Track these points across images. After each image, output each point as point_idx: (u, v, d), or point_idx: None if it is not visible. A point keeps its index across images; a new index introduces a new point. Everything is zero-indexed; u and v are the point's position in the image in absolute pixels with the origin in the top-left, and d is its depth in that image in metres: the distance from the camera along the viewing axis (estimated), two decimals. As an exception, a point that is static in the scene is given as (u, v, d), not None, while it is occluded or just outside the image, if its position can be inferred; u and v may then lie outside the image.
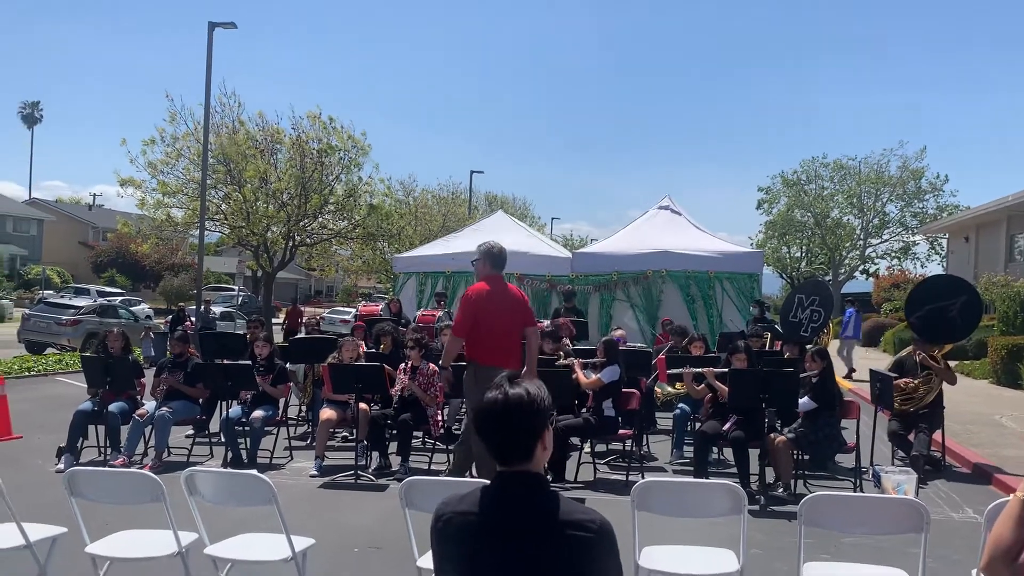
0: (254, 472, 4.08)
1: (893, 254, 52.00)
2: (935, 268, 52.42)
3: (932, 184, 49.56)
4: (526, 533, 2.28)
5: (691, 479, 6.60)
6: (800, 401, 7.59)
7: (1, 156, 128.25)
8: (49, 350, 21.85)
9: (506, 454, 2.35)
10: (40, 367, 17.28)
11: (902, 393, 8.79)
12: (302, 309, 23.80)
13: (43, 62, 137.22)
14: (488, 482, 2.42)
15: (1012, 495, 2.15)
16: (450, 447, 9.30)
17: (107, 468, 4.83)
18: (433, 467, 8.55)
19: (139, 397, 8.75)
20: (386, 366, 9.00)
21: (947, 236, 40.77)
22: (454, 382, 7.21)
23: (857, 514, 3.68)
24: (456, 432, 10.00)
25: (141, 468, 8.22)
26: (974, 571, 3.77)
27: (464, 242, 17.92)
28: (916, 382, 8.94)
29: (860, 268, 53.07)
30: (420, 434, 9.10)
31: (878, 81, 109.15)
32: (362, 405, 8.55)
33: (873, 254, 52.71)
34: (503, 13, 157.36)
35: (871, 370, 8.83)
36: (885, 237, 52.19)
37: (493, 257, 6.98)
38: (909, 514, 3.57)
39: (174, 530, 4.04)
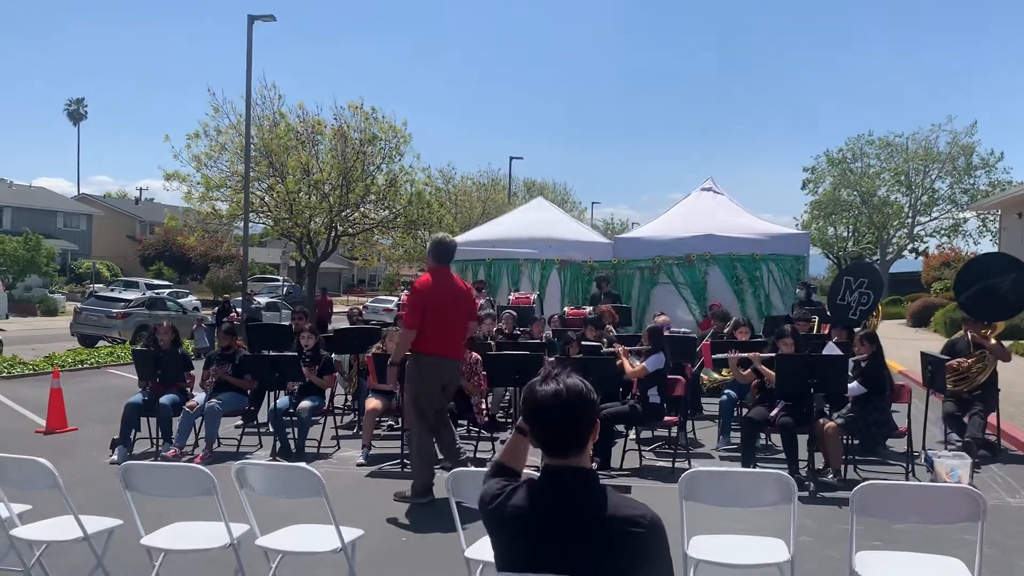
0: (303, 464, 4.12)
1: (943, 232, 50.93)
2: (987, 246, 51.30)
3: (984, 160, 48.39)
4: (578, 528, 2.27)
5: (739, 468, 6.54)
6: (850, 386, 7.47)
7: (50, 153, 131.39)
8: (101, 343, 22.33)
9: (561, 446, 2.34)
10: (93, 360, 17.66)
11: (955, 373, 8.62)
12: (330, 299, 23.90)
13: (86, 59, 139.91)
14: (536, 476, 2.41)
15: None
16: (494, 435, 9.35)
17: (160, 462, 4.91)
18: (478, 455, 8.58)
19: (189, 389, 8.90)
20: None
21: (999, 213, 39.76)
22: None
23: (910, 503, 3.61)
24: (500, 420, 10.05)
25: (192, 459, 8.41)
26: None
27: (504, 229, 17.92)
28: (969, 361, 8.77)
29: (909, 247, 52.11)
30: (464, 422, 9.13)
31: (927, 50, 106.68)
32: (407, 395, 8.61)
33: (922, 232, 51.76)
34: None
35: (922, 352, 8.66)
36: (934, 215, 51.17)
37: (438, 250, 7.03)
38: (965, 502, 3.48)
39: (226, 522, 4.10)
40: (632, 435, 8.80)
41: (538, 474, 2.40)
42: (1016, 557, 5.40)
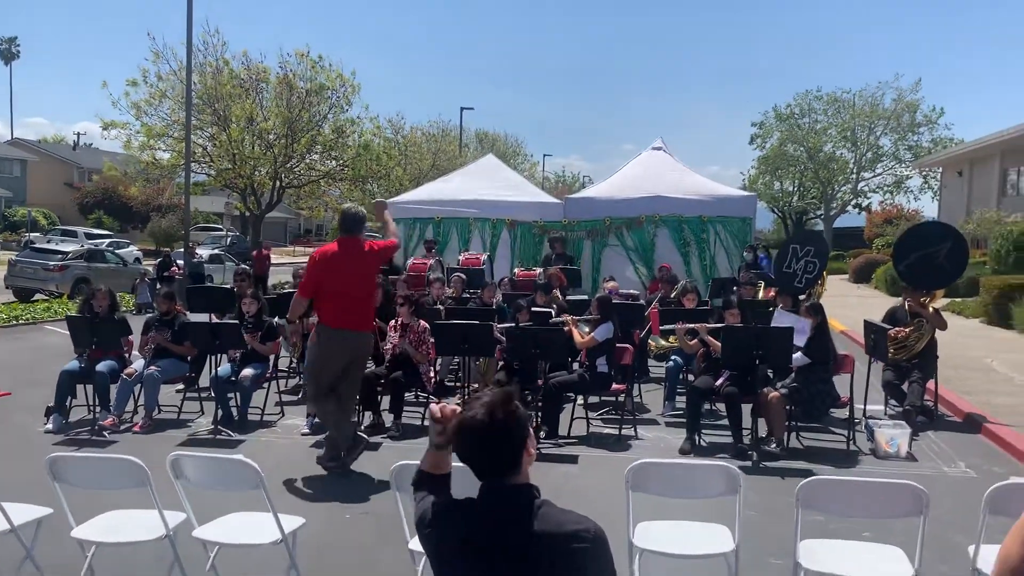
0: (240, 456, 3.99)
1: (886, 188, 51.80)
2: (928, 202, 52.45)
3: (927, 117, 49.11)
4: (520, 548, 2.21)
5: (684, 460, 6.57)
6: (794, 356, 7.54)
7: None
8: (38, 296, 21.69)
9: (487, 471, 2.28)
10: (28, 315, 17.15)
11: (894, 342, 8.77)
12: (268, 253, 23.30)
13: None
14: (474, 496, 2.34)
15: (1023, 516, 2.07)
16: (443, 400, 9.29)
17: (90, 454, 4.74)
18: (426, 423, 8.51)
19: (127, 355, 8.65)
20: (377, 320, 8.92)
21: (941, 170, 40.59)
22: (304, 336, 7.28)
23: (855, 498, 3.63)
24: (449, 385, 9.99)
25: (131, 427, 8.21)
26: (971, 548, 3.74)
27: (454, 187, 17.70)
28: (907, 330, 8.93)
29: (853, 203, 52.91)
30: (413, 388, 9.05)
31: (875, 8, 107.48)
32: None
33: (866, 188, 52.54)
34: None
35: (865, 321, 8.78)
36: (878, 171, 51.95)
37: (344, 220, 7.06)
38: (908, 497, 3.52)
39: (161, 513, 3.98)
40: (580, 401, 8.82)
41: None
42: (952, 531, 5.51)
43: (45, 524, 4.23)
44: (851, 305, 20.17)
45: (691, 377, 9.01)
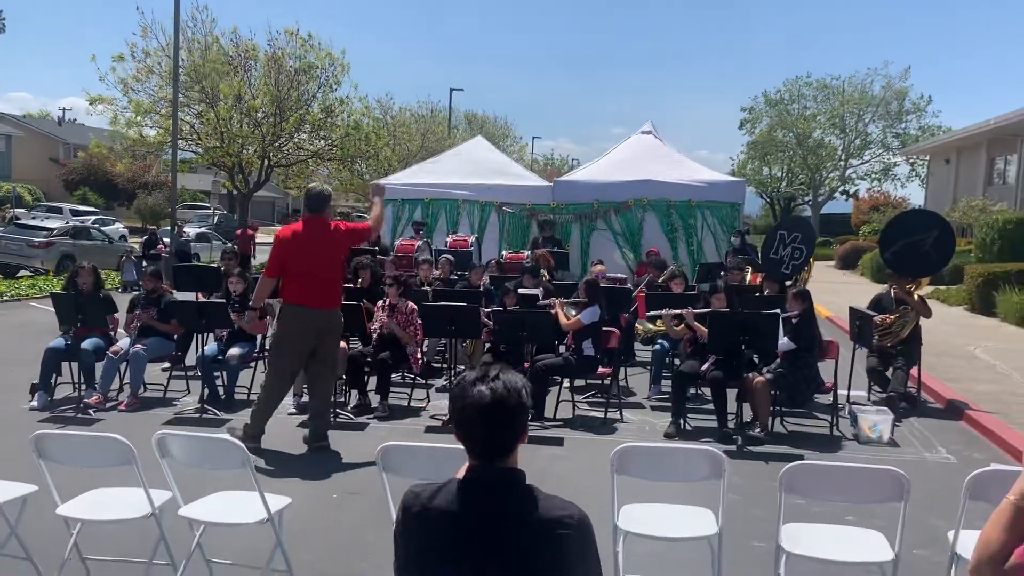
0: (227, 436, 4.00)
1: (874, 175, 52.00)
2: (915, 190, 52.65)
3: (915, 104, 49.29)
4: (504, 534, 2.21)
5: (670, 443, 6.64)
6: (780, 342, 7.58)
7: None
8: (22, 272, 21.57)
9: (488, 451, 2.27)
10: (13, 292, 17.05)
11: (879, 328, 8.84)
12: (253, 232, 23.13)
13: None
14: (461, 477, 2.34)
15: (1004, 499, 2.09)
16: (429, 381, 9.32)
17: (75, 432, 4.72)
18: (413, 404, 8.55)
19: (113, 333, 8.62)
20: (365, 301, 8.92)
21: (928, 158, 40.74)
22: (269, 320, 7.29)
23: (838, 483, 3.67)
24: (435, 366, 10.00)
25: (117, 405, 8.19)
26: (950, 533, 3.79)
27: (443, 168, 17.64)
28: (892, 317, 9.00)
29: (840, 189, 53.09)
30: (400, 369, 9.05)
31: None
32: (340, 343, 8.48)
33: (854, 175, 52.71)
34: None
35: (851, 308, 8.84)
36: (866, 158, 52.14)
37: (310, 199, 7.11)
38: (890, 484, 3.56)
39: (146, 490, 3.97)
40: (566, 384, 8.85)
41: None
42: (932, 516, 5.59)
43: (30, 501, 4.22)
44: (837, 291, 20.28)
45: (677, 361, 9.06)
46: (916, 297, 9.13)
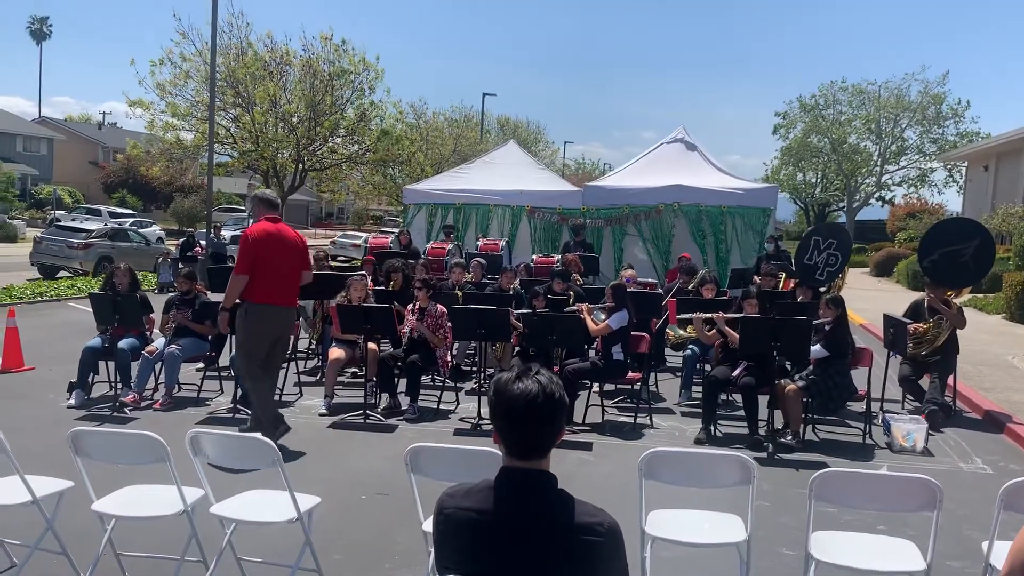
0: (258, 435, 4.04)
1: (910, 181, 51.20)
2: (952, 196, 51.80)
3: (953, 110, 48.42)
4: (535, 536, 2.22)
5: (699, 449, 6.59)
6: (812, 348, 7.51)
7: (9, 71, 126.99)
8: (62, 273, 21.95)
9: (527, 450, 2.27)
10: (53, 292, 17.36)
11: (912, 337, 8.71)
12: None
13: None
14: (493, 479, 2.35)
15: None
16: (459, 384, 9.34)
17: (110, 429, 4.80)
18: (442, 406, 8.58)
19: (148, 333, 8.75)
20: (396, 304, 8.97)
21: (966, 164, 40.08)
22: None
23: (868, 491, 3.62)
24: (465, 369, 10.03)
25: (152, 404, 8.31)
26: (984, 544, 3.73)
27: (475, 173, 17.72)
28: (925, 326, 8.86)
29: (876, 195, 52.39)
30: (429, 372, 9.09)
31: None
32: (371, 345, 8.55)
33: (890, 181, 51.96)
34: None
35: (885, 315, 8.73)
36: (902, 164, 51.31)
37: (267, 201, 7.21)
38: (922, 491, 3.51)
39: (179, 488, 4.03)
40: (596, 388, 8.83)
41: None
42: (967, 527, 5.51)
43: (66, 497, 4.30)
44: (871, 299, 20.05)
45: (708, 367, 9.01)
46: (954, 307, 8.97)
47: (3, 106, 61.62)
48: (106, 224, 28.42)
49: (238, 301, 6.95)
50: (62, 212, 38.99)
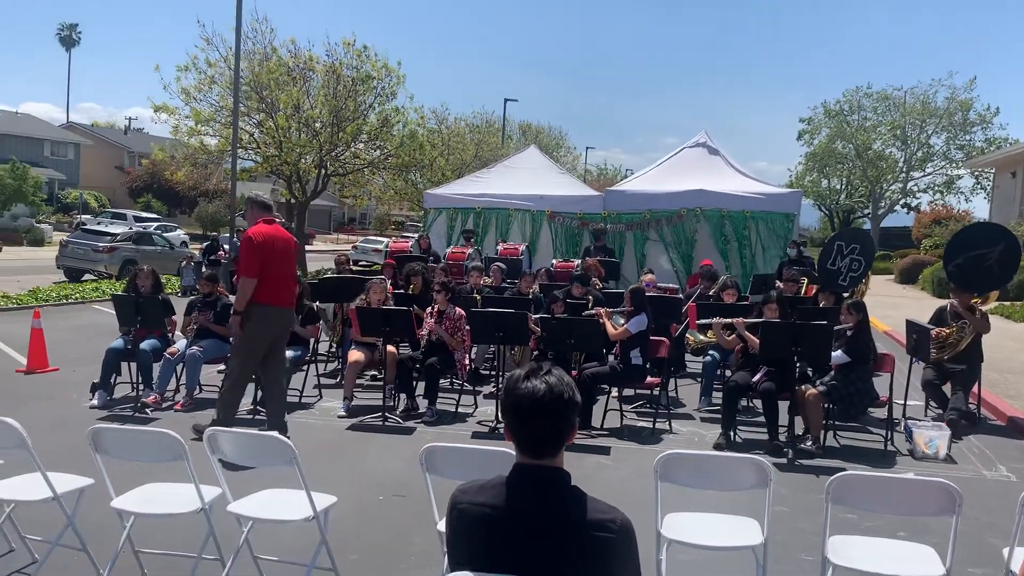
0: (275, 434, 4.06)
1: (936, 188, 50.66)
2: (980, 203, 51.18)
3: (981, 116, 47.84)
4: (548, 532, 2.22)
5: (715, 452, 6.56)
6: (833, 354, 7.44)
7: (37, 77, 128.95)
8: (87, 276, 22.20)
9: (539, 447, 2.28)
10: (78, 294, 17.56)
11: (935, 341, 8.62)
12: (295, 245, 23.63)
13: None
14: (506, 475, 2.35)
15: None
16: (477, 388, 9.34)
17: (130, 427, 4.85)
18: (460, 409, 8.59)
19: (170, 335, 8.83)
20: (415, 307, 9.00)
21: (994, 171, 39.62)
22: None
23: (886, 495, 3.58)
24: (484, 373, 10.03)
25: (173, 405, 8.38)
26: (1006, 550, 3.68)
27: (495, 178, 17.74)
28: (948, 331, 8.77)
29: (901, 202, 51.90)
30: (447, 374, 9.10)
31: (930, 5, 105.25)
32: (390, 348, 8.58)
33: (915, 188, 51.43)
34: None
35: (908, 321, 8.64)
36: (928, 170, 50.76)
37: (261, 203, 7.27)
38: (940, 496, 3.46)
39: (197, 486, 4.06)
40: (614, 393, 8.80)
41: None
42: (990, 534, 5.43)
43: (86, 494, 4.34)
44: (896, 305, 19.85)
45: (728, 372, 8.95)
46: (979, 312, 8.87)
47: (32, 112, 62.47)
48: (131, 228, 28.73)
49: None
50: (88, 216, 39.44)
